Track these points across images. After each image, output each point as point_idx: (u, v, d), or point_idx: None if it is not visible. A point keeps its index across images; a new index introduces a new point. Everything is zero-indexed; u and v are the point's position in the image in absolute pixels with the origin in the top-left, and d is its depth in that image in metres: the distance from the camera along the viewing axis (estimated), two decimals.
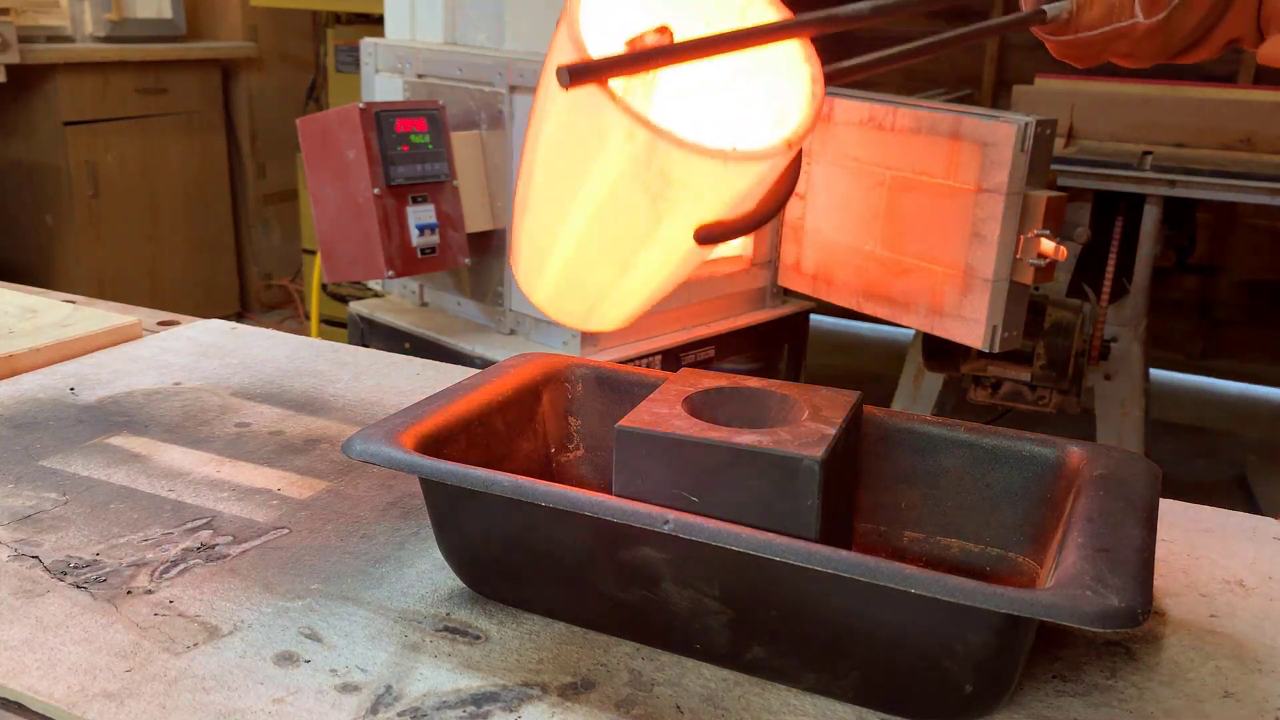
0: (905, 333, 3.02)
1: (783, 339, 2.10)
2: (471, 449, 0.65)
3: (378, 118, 1.72)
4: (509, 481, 0.56)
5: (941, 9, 0.75)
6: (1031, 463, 0.63)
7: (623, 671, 0.57)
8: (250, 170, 4.14)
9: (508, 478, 0.56)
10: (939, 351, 2.22)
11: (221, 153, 4.02)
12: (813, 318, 2.16)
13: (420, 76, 1.98)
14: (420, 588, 0.65)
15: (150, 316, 1.17)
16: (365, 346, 1.25)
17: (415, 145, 1.76)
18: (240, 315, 4.17)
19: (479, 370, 0.75)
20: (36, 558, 0.67)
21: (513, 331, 1.94)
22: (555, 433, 0.74)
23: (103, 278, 3.62)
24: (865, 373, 3.80)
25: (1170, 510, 0.76)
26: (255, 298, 4.26)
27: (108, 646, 0.58)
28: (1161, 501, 0.61)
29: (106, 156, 3.59)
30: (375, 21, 3.32)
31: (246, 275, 4.24)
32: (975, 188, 1.27)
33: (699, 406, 0.62)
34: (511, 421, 0.70)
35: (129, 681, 0.55)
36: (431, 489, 0.61)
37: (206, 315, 1.24)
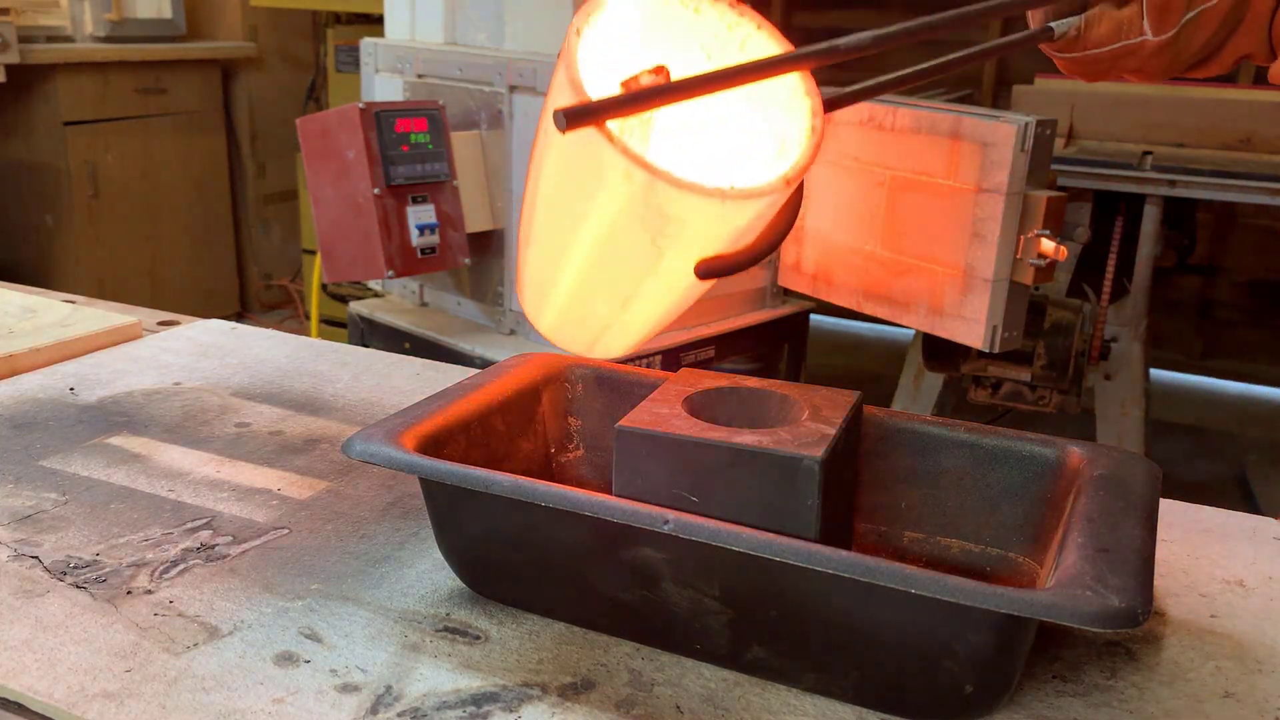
0: (905, 333, 3.02)
1: (783, 339, 2.10)
2: (471, 449, 0.65)
3: (378, 118, 1.72)
4: (509, 481, 0.56)
5: (943, 37, 0.75)
6: (1031, 463, 0.63)
7: (623, 671, 0.57)
8: (250, 170, 4.14)
9: (508, 478, 0.56)
10: (939, 351, 2.22)
11: (221, 153, 4.02)
12: (813, 318, 2.17)
13: (420, 76, 1.98)
14: (420, 588, 0.65)
15: (150, 316, 1.17)
16: (365, 346, 1.25)
17: (415, 145, 1.76)
18: (240, 315, 4.17)
19: (479, 370, 0.75)
20: (36, 558, 0.67)
21: (513, 331, 1.94)
22: (555, 433, 0.74)
23: (103, 278, 3.61)
24: (865, 373, 3.80)
25: (1170, 510, 0.76)
26: (255, 298, 4.26)
27: (108, 646, 0.58)
28: (1161, 501, 0.61)
29: (106, 156, 3.59)
30: (375, 21, 3.32)
31: (246, 275, 4.24)
32: (975, 188, 1.27)
33: (699, 406, 0.62)
34: (511, 421, 0.70)
35: (129, 681, 0.55)
36: (431, 489, 0.61)
37: (206, 315, 1.24)
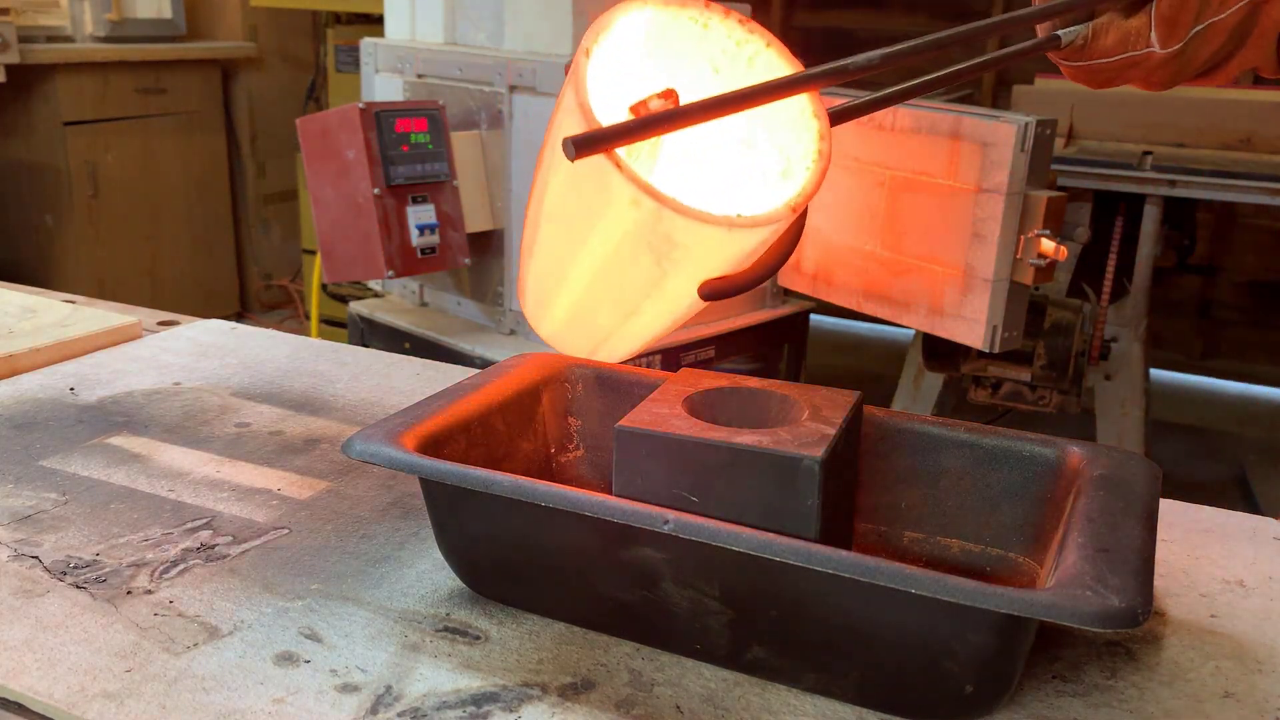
0: (905, 333, 3.02)
1: (783, 339, 2.10)
2: (471, 449, 0.65)
3: (378, 118, 1.72)
4: (509, 481, 0.56)
5: (952, 43, 0.75)
6: (1031, 463, 0.63)
7: (623, 671, 0.57)
8: (250, 170, 4.14)
9: (508, 478, 0.56)
10: (939, 351, 2.22)
11: (221, 153, 4.02)
12: (813, 318, 2.16)
13: (420, 76, 1.98)
14: (420, 588, 0.65)
15: (150, 316, 1.17)
16: (365, 346, 1.25)
17: (415, 145, 1.76)
18: (240, 315, 4.17)
19: (479, 370, 0.75)
20: (36, 558, 0.67)
21: (513, 331, 1.94)
22: (555, 433, 0.74)
23: (102, 278, 3.61)
24: (865, 373, 3.80)
25: (1170, 510, 0.76)
26: (255, 298, 4.26)
27: (108, 646, 0.58)
28: (1161, 501, 0.61)
29: (106, 156, 3.59)
30: (375, 21, 3.32)
31: (246, 275, 4.24)
32: (975, 188, 1.27)
33: (699, 406, 0.62)
34: (511, 421, 0.70)
35: (129, 681, 0.55)
36: (431, 489, 0.61)
37: (206, 315, 1.24)
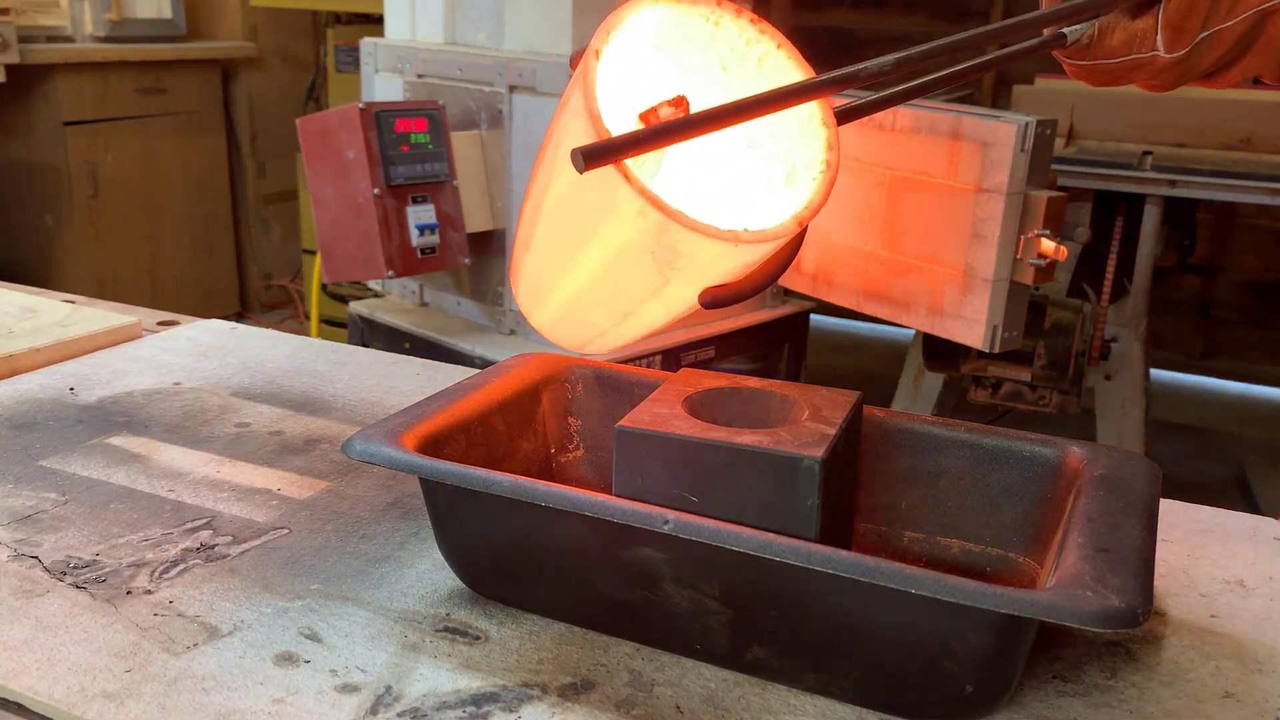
0: (905, 333, 3.02)
1: (783, 339, 2.10)
2: (471, 449, 0.65)
3: (378, 118, 1.72)
4: (509, 481, 0.55)
5: (963, 47, 0.75)
6: (1031, 463, 0.63)
7: (623, 671, 0.57)
8: (250, 170, 4.14)
9: (508, 478, 0.56)
10: (939, 351, 2.22)
11: (221, 153, 4.02)
12: (813, 318, 2.17)
13: (420, 76, 1.98)
14: (420, 588, 0.65)
15: (150, 316, 1.17)
16: (365, 346, 1.25)
17: (415, 145, 1.76)
18: (240, 315, 4.17)
19: (479, 370, 0.75)
20: (36, 558, 0.67)
21: (513, 331, 1.94)
22: (555, 433, 0.74)
23: (102, 278, 3.61)
24: (865, 373, 3.80)
25: (1170, 510, 0.76)
26: (255, 298, 4.26)
27: (107, 647, 0.58)
28: (1161, 501, 0.61)
29: (106, 156, 3.59)
30: (375, 21, 3.32)
31: (246, 275, 4.24)
32: (975, 188, 1.27)
33: (699, 406, 0.62)
34: (511, 421, 0.70)
35: (129, 682, 0.55)
36: (431, 489, 0.61)
37: (206, 315, 1.24)
